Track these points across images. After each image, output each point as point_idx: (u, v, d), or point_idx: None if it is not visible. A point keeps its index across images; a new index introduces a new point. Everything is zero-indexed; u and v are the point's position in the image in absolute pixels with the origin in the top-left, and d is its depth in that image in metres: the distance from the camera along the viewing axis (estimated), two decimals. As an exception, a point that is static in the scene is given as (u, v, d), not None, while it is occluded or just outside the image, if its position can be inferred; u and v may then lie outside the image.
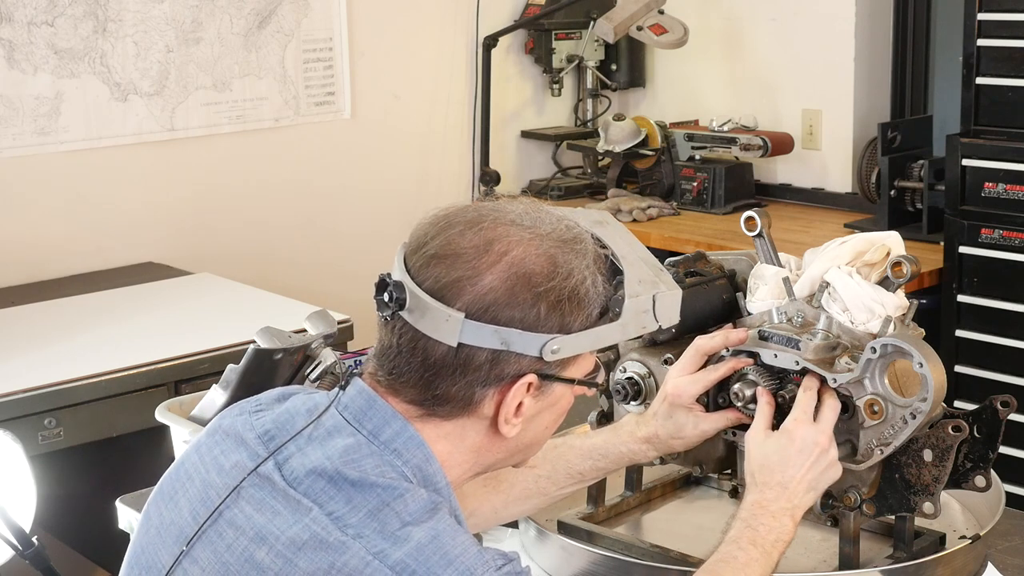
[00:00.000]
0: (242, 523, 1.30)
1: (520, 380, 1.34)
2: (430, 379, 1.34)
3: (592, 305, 1.36)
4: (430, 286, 1.32)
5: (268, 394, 1.46)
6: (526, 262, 1.32)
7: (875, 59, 4.18)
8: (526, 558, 1.87)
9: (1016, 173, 3.30)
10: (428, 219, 1.38)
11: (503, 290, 1.31)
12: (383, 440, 1.34)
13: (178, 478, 1.41)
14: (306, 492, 1.29)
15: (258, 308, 3.26)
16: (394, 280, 1.34)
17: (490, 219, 1.36)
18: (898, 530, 1.76)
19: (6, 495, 1.94)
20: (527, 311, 1.32)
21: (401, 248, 1.38)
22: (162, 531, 1.37)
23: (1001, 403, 1.66)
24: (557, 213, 1.41)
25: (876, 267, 1.75)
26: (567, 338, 1.34)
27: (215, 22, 3.87)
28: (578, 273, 1.34)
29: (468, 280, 1.31)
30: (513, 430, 1.37)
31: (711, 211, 4.15)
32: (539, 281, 1.32)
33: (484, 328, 1.31)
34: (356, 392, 1.38)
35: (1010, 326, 3.34)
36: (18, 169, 3.56)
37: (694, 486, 2.05)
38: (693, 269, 1.89)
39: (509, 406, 1.35)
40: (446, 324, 1.31)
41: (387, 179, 4.34)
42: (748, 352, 1.76)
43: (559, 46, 4.61)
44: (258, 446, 1.36)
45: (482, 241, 1.33)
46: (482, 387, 1.34)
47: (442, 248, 1.34)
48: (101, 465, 2.98)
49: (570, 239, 1.36)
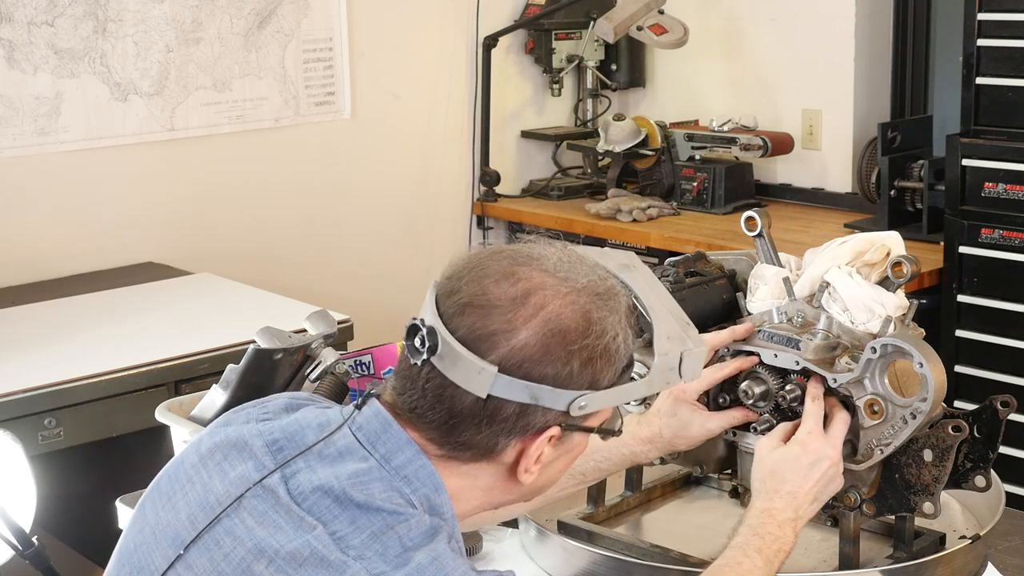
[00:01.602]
0: (241, 534, 1.29)
1: (545, 432, 1.34)
2: (454, 426, 1.32)
3: (620, 361, 1.35)
4: (463, 335, 1.31)
5: (275, 402, 1.45)
6: (562, 318, 1.31)
7: (875, 59, 4.18)
8: (526, 558, 1.87)
9: (1016, 173, 3.30)
10: (461, 262, 1.37)
11: (538, 346, 1.30)
12: (394, 466, 1.32)
13: (177, 479, 1.40)
14: (310, 509, 1.28)
15: (258, 308, 3.26)
16: (427, 326, 1.32)
17: (525, 268, 1.34)
18: (898, 530, 1.76)
19: (6, 495, 1.94)
20: (560, 368, 1.31)
21: (432, 288, 1.36)
22: (157, 532, 1.36)
23: (1001, 403, 1.66)
24: (590, 261, 1.39)
25: (876, 267, 1.75)
26: (595, 395, 1.33)
27: (215, 22, 3.87)
28: (611, 330, 1.33)
29: (503, 334, 1.30)
30: (531, 478, 1.37)
31: (711, 211, 4.15)
32: (574, 339, 1.31)
33: (516, 383, 1.30)
34: (372, 414, 1.36)
35: (1010, 326, 3.34)
36: (18, 169, 3.56)
37: (694, 486, 2.05)
38: (693, 269, 1.90)
39: (531, 456, 1.35)
40: (478, 376, 1.29)
41: (387, 179, 4.34)
42: (748, 352, 1.76)
43: (559, 46, 4.61)
44: (265, 457, 1.34)
45: (519, 293, 1.31)
46: (506, 437, 1.33)
47: (477, 297, 1.32)
48: (101, 465, 2.98)
49: (604, 292, 1.35)
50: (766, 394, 1.74)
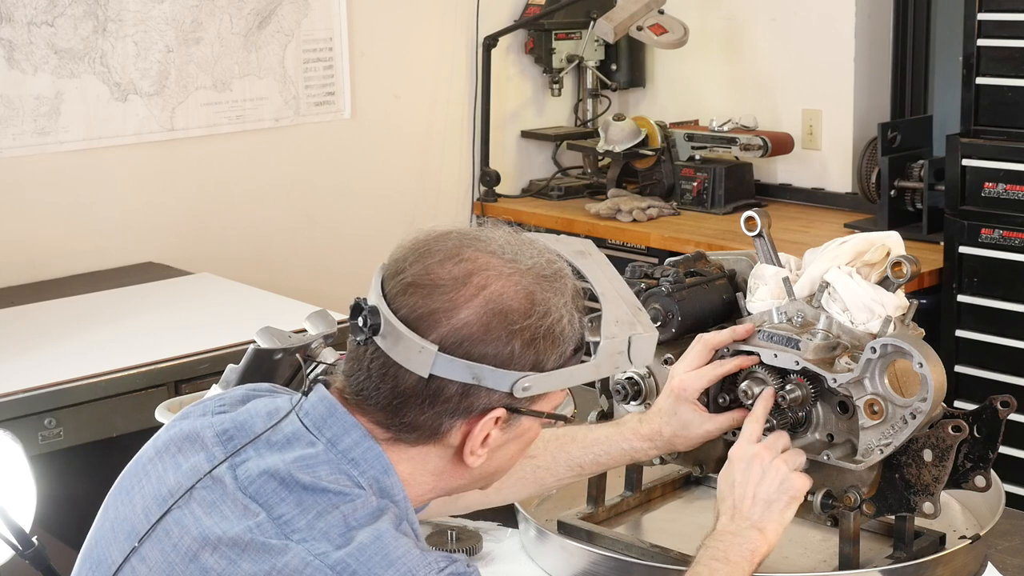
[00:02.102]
0: (189, 523, 1.30)
1: (489, 414, 1.34)
2: (398, 406, 1.33)
3: (567, 343, 1.35)
4: (405, 315, 1.31)
5: (233, 394, 1.46)
6: (504, 298, 1.31)
7: (875, 59, 4.18)
8: (526, 558, 1.87)
9: (1016, 173, 3.30)
10: (408, 243, 1.37)
11: (478, 325, 1.30)
12: (341, 449, 1.33)
13: (135, 474, 1.42)
14: (256, 494, 1.29)
15: (258, 308, 3.26)
16: (369, 305, 1.34)
17: (471, 249, 1.34)
18: (898, 530, 1.76)
19: (6, 495, 1.94)
20: (501, 348, 1.31)
21: (379, 270, 1.38)
22: (115, 526, 1.38)
23: (1001, 403, 1.66)
24: (539, 245, 1.39)
25: (876, 267, 1.75)
26: (539, 376, 1.33)
27: (215, 22, 3.87)
28: (555, 311, 1.33)
29: (444, 313, 1.30)
30: (478, 461, 1.37)
31: (711, 211, 4.15)
32: (515, 319, 1.31)
33: (456, 362, 1.30)
34: (318, 399, 1.37)
35: (1010, 326, 3.34)
36: (18, 169, 3.56)
37: (694, 486, 2.05)
38: (693, 269, 1.90)
39: (476, 438, 1.35)
40: (418, 355, 1.30)
41: (387, 179, 4.34)
42: (748, 352, 1.76)
43: (559, 46, 4.61)
44: (215, 447, 1.36)
45: (461, 273, 1.32)
46: (450, 418, 1.33)
47: (420, 277, 1.33)
48: (101, 465, 2.97)
49: (550, 274, 1.35)
50: (767, 395, 1.74)
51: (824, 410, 1.74)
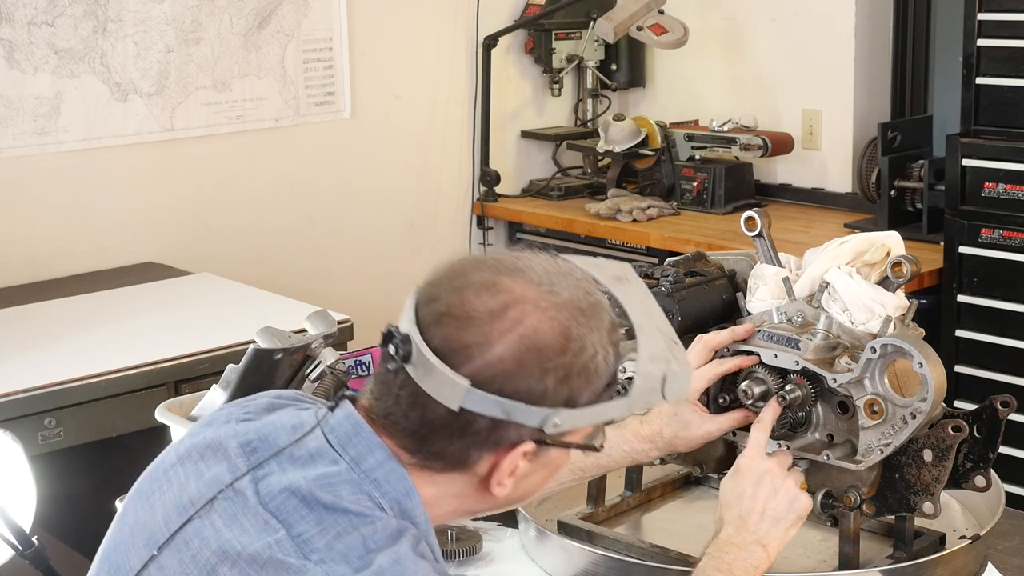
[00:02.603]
0: (209, 535, 1.29)
1: (518, 447, 1.31)
2: (426, 435, 1.31)
3: (600, 379, 1.32)
4: (438, 346, 1.28)
5: (258, 401, 1.45)
6: (539, 333, 1.28)
7: (875, 59, 4.18)
8: (526, 558, 1.87)
9: (1016, 173, 3.30)
10: (443, 268, 1.34)
11: (512, 361, 1.27)
12: (364, 468, 1.32)
13: (156, 479, 1.40)
14: (276, 510, 1.28)
15: (258, 308, 3.26)
16: (402, 333, 1.30)
17: (507, 278, 1.31)
18: (898, 530, 1.76)
19: (6, 495, 1.94)
20: (534, 384, 1.28)
21: (413, 294, 1.34)
22: (135, 531, 1.37)
23: (1001, 403, 1.66)
24: (577, 273, 1.35)
25: (876, 267, 1.75)
26: (571, 412, 1.30)
27: (215, 22, 3.87)
28: (591, 348, 1.30)
29: (478, 347, 1.27)
30: (504, 490, 1.35)
31: (711, 211, 4.15)
32: (550, 355, 1.28)
33: (488, 398, 1.27)
34: (344, 416, 1.35)
35: (1010, 326, 3.34)
36: (18, 169, 3.56)
37: (694, 486, 2.05)
38: (693, 269, 1.90)
39: (504, 470, 1.33)
40: (450, 389, 1.27)
41: (387, 179, 4.34)
42: (748, 352, 1.76)
43: (559, 46, 4.61)
44: (239, 458, 1.34)
45: (497, 305, 1.28)
46: (478, 449, 1.31)
47: (455, 307, 1.29)
48: (101, 465, 2.98)
49: (587, 307, 1.32)
50: (766, 394, 1.74)
51: (824, 410, 1.74)
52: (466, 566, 1.86)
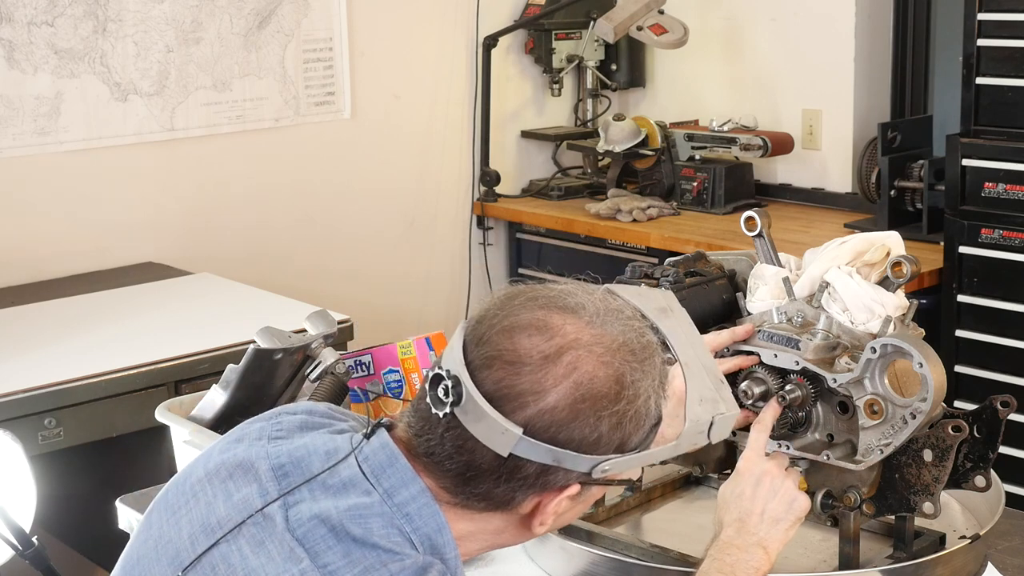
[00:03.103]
0: (235, 562, 1.28)
1: (565, 491, 1.30)
2: (471, 478, 1.29)
3: (649, 422, 1.32)
4: (489, 391, 1.26)
5: (292, 419, 1.42)
6: (595, 382, 1.26)
7: (875, 59, 4.18)
8: (526, 558, 1.87)
9: (1016, 173, 3.30)
10: (493, 304, 1.32)
11: (567, 410, 1.25)
12: (397, 502, 1.29)
13: (182, 492, 1.38)
14: (303, 538, 1.26)
15: (258, 308, 3.26)
16: (452, 376, 1.27)
17: (559, 318, 1.29)
18: (898, 530, 1.76)
19: (6, 495, 1.94)
20: (587, 433, 1.26)
21: (460, 331, 1.31)
22: (160, 547, 1.35)
23: (1001, 403, 1.66)
24: (628, 311, 1.34)
25: (876, 267, 1.75)
26: (620, 459, 1.30)
27: (215, 22, 3.87)
28: (643, 394, 1.29)
29: (532, 395, 1.25)
30: (545, 529, 1.35)
31: (711, 211, 4.15)
32: (605, 404, 1.27)
33: (540, 446, 1.25)
34: (379, 446, 1.33)
35: (1010, 326, 3.34)
36: (18, 169, 3.56)
37: (694, 486, 2.05)
38: (693, 269, 1.90)
39: (548, 512, 1.32)
40: (501, 436, 1.25)
41: (387, 179, 4.34)
42: (748, 352, 1.76)
43: (559, 46, 4.61)
44: (269, 482, 1.32)
45: (551, 350, 1.26)
46: (524, 492, 1.30)
47: (507, 352, 1.27)
48: (101, 465, 2.98)
49: (639, 349, 1.30)
50: (766, 394, 1.73)
51: (824, 410, 1.74)
52: (466, 566, 1.86)
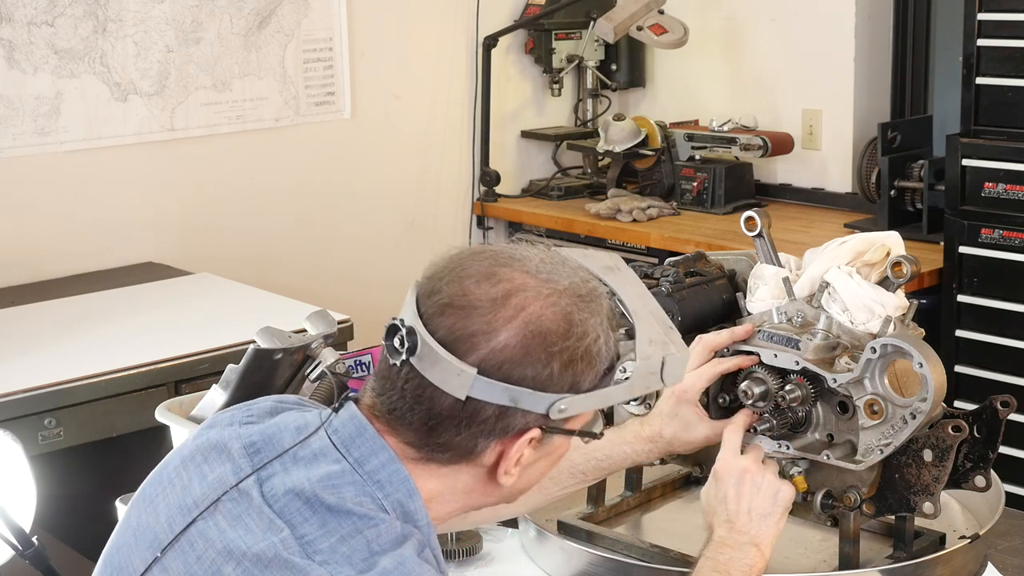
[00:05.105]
0: (213, 536, 1.29)
1: (524, 435, 1.32)
2: (433, 427, 1.31)
3: (602, 363, 1.34)
4: (443, 336, 1.29)
5: (261, 405, 1.45)
6: (543, 319, 1.29)
7: (875, 59, 4.18)
8: (526, 558, 1.87)
9: (1016, 173, 3.30)
10: (442, 262, 1.35)
11: (518, 348, 1.29)
12: (367, 470, 1.32)
13: (159, 482, 1.41)
14: (281, 511, 1.29)
15: (258, 308, 3.26)
16: (407, 326, 1.31)
17: (506, 268, 1.33)
18: (898, 530, 1.76)
19: (6, 495, 1.94)
20: (540, 370, 1.29)
21: (413, 288, 1.35)
22: (138, 534, 1.37)
23: (1001, 403, 1.66)
24: (573, 263, 1.37)
25: (876, 267, 1.75)
26: (576, 398, 1.32)
27: (215, 22, 3.87)
28: (592, 332, 1.32)
29: (483, 335, 1.29)
30: (510, 479, 1.36)
31: (711, 211, 4.15)
32: (554, 340, 1.29)
33: (495, 385, 1.28)
34: (348, 417, 1.36)
35: (1010, 326, 3.34)
36: (18, 169, 3.56)
37: (694, 486, 2.05)
38: (693, 269, 1.90)
39: (511, 458, 1.34)
40: (457, 378, 1.28)
41: (387, 179, 4.34)
42: (748, 352, 1.76)
43: (559, 46, 4.61)
44: (242, 459, 1.35)
45: (499, 294, 1.30)
46: (485, 439, 1.32)
47: (457, 297, 1.30)
48: (101, 465, 2.98)
49: (586, 294, 1.34)
50: (766, 394, 1.74)
51: (824, 410, 1.74)
52: (466, 566, 1.86)
